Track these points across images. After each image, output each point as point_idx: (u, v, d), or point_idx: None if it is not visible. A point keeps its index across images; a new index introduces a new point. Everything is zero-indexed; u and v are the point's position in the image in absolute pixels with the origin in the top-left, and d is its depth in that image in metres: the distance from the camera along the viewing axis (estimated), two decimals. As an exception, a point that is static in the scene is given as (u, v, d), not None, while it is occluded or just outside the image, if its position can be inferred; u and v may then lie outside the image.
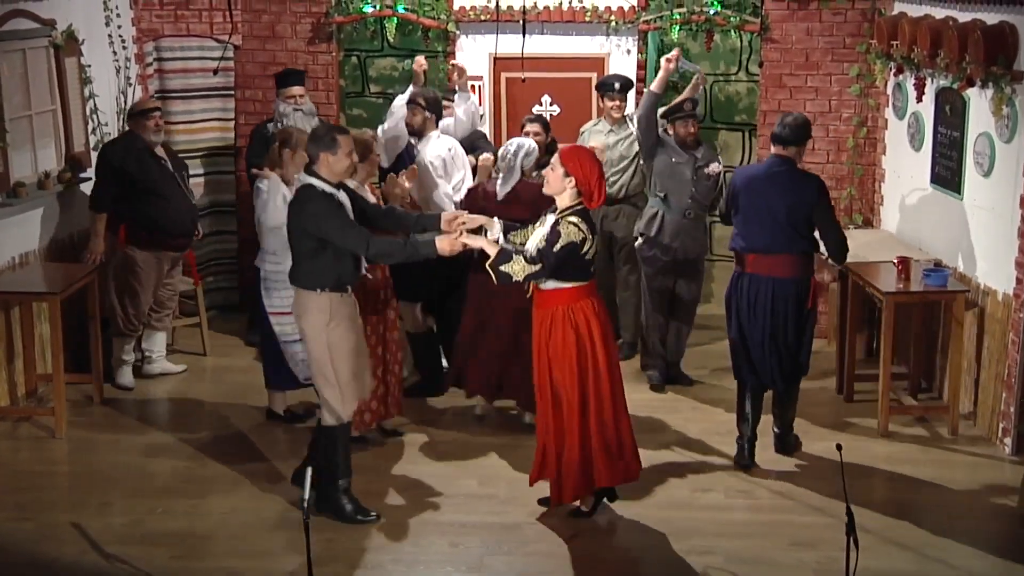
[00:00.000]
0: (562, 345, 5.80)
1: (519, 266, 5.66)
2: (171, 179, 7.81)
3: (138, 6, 9.05)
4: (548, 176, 5.84)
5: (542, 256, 5.67)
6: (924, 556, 5.74)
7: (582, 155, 5.86)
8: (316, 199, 5.76)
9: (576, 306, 5.80)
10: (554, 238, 5.67)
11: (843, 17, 8.74)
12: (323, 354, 5.85)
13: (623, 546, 5.86)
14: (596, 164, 5.83)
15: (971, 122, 7.28)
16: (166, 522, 6.08)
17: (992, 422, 7.03)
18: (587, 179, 5.77)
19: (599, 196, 5.81)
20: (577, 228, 5.68)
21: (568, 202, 5.79)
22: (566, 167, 5.76)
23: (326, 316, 5.82)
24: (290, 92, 8.40)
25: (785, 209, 6.53)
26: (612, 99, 8.26)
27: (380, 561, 5.71)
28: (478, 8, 8.97)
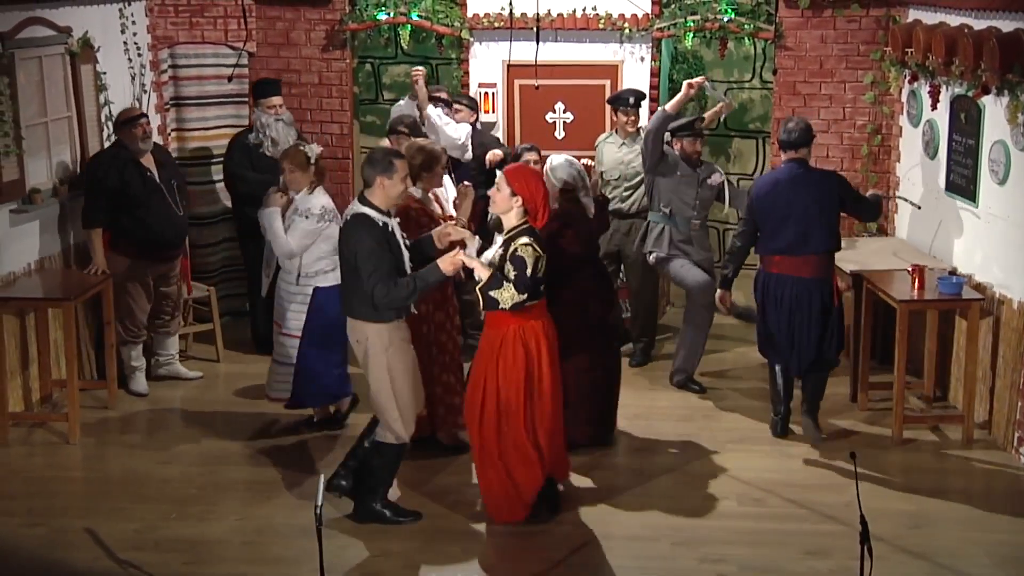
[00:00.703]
0: (512, 364, 5.86)
1: (508, 293, 5.73)
2: (156, 190, 7.75)
3: (153, 14, 9.10)
4: (494, 196, 5.89)
5: (520, 286, 5.73)
6: (939, 566, 5.71)
7: (527, 175, 5.93)
8: (365, 231, 5.82)
9: (527, 326, 5.87)
10: (521, 265, 5.72)
11: (857, 24, 8.72)
12: (384, 379, 5.96)
13: (634, 554, 5.84)
14: (541, 183, 5.92)
15: (986, 130, 7.25)
16: (179, 528, 6.09)
17: (1007, 431, 7.00)
18: (533, 198, 5.83)
19: (544, 215, 5.88)
20: (533, 248, 5.75)
21: (515, 221, 5.85)
22: (512, 187, 5.82)
23: (386, 342, 5.93)
24: (270, 102, 8.37)
25: (817, 207, 6.95)
26: (626, 114, 8.30)
27: (392, 568, 5.71)
28: (492, 15, 8.98)
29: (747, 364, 8.55)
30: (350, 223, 5.90)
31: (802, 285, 7.00)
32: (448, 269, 5.77)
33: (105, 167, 7.66)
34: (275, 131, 8.28)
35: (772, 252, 7.07)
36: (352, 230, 5.86)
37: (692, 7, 8.84)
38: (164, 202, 7.80)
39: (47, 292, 7.34)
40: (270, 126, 8.27)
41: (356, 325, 5.97)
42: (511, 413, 5.93)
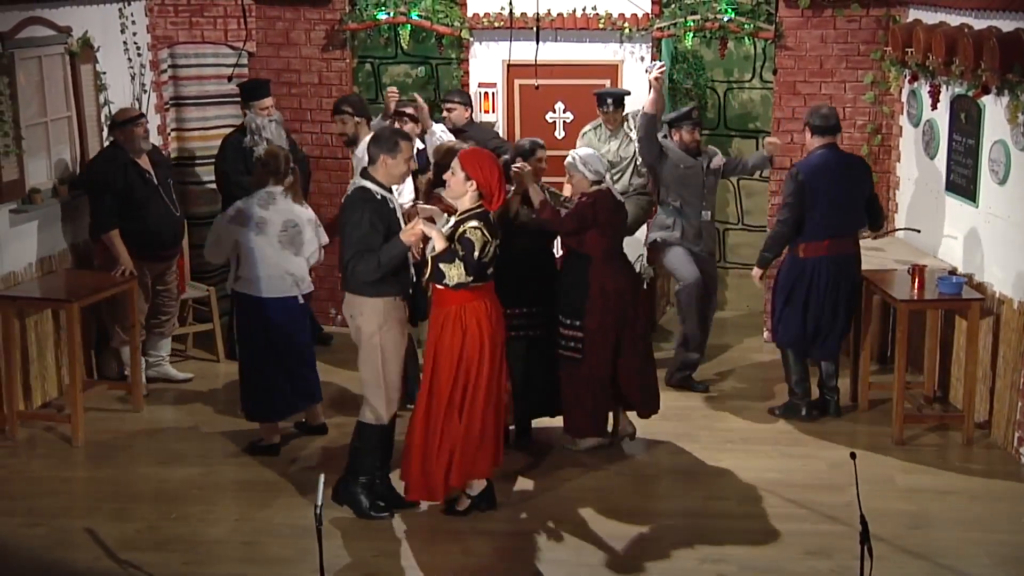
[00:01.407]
0: (448, 345, 5.89)
1: (456, 271, 5.76)
2: (154, 191, 7.76)
3: (153, 13, 9.10)
4: (449, 180, 5.94)
5: (469, 268, 5.76)
6: (938, 566, 5.71)
7: (482, 158, 5.96)
8: (365, 203, 5.89)
9: (469, 307, 5.89)
10: (469, 247, 5.76)
11: (857, 24, 8.72)
12: (375, 357, 5.99)
13: (635, 555, 5.84)
14: (496, 167, 5.93)
15: (986, 130, 7.25)
16: (179, 528, 6.09)
17: (1007, 431, 6.99)
18: (487, 182, 5.87)
19: (499, 198, 5.92)
20: (482, 232, 5.79)
21: (468, 205, 5.90)
22: (467, 171, 5.86)
23: (380, 319, 5.97)
24: (263, 104, 8.33)
25: (861, 190, 7.38)
26: (606, 113, 8.35)
27: (393, 568, 5.71)
28: (492, 15, 8.97)
29: (747, 364, 8.55)
30: (349, 197, 5.99)
31: (844, 263, 7.34)
32: (408, 239, 5.83)
33: (107, 169, 7.64)
34: (269, 132, 8.27)
35: (825, 236, 7.27)
36: (347, 204, 5.95)
37: (692, 7, 8.83)
38: (162, 202, 7.80)
39: (51, 293, 7.35)
40: (264, 128, 8.24)
41: (352, 300, 6.02)
42: (439, 394, 5.93)
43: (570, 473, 6.77)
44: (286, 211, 6.82)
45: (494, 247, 5.87)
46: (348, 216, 5.92)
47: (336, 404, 7.71)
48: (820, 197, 7.20)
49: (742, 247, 9.85)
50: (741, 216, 9.80)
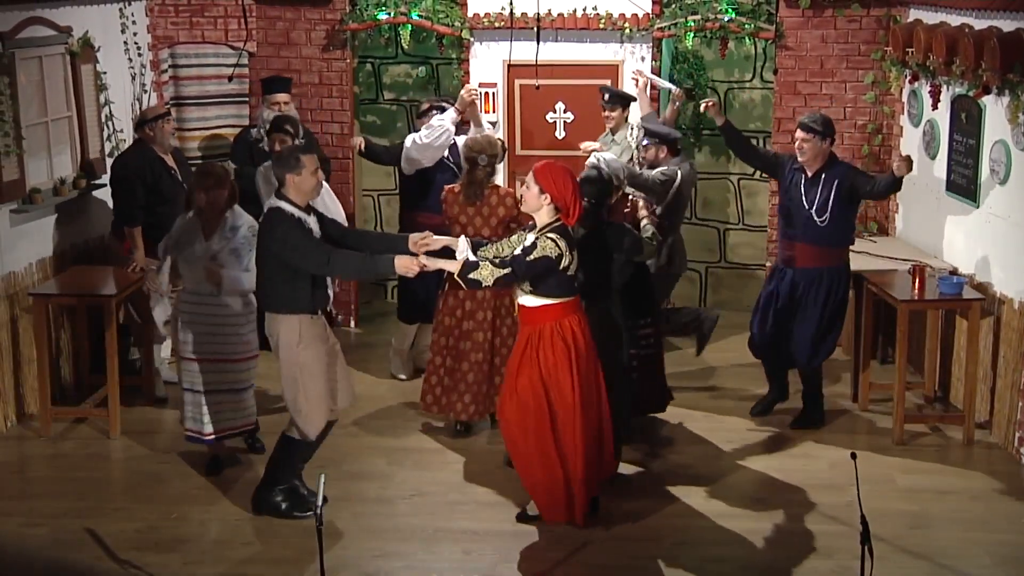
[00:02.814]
0: (554, 362, 5.82)
1: (487, 271, 5.72)
2: (180, 188, 7.79)
3: (153, 13, 9.11)
4: (524, 195, 5.89)
5: (513, 261, 5.73)
6: (939, 565, 5.71)
7: (556, 172, 5.85)
8: (283, 223, 5.83)
9: (564, 322, 5.84)
10: (530, 249, 5.74)
11: (858, 24, 8.72)
12: (294, 374, 5.96)
13: (635, 555, 5.84)
14: (570, 179, 5.85)
15: (987, 130, 7.25)
16: (179, 528, 6.09)
17: (1008, 431, 6.99)
18: (562, 195, 5.80)
19: (575, 211, 5.83)
20: (554, 244, 5.73)
21: (547, 219, 5.84)
22: (540, 184, 5.80)
23: (296, 337, 5.92)
24: (275, 99, 8.39)
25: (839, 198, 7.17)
26: (603, 109, 8.26)
27: (393, 568, 5.71)
28: (492, 15, 8.97)
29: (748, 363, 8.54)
30: (267, 216, 5.92)
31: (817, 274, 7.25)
32: (401, 268, 5.77)
33: (135, 166, 7.68)
34: None
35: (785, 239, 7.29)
36: (269, 224, 5.87)
37: (693, 7, 8.83)
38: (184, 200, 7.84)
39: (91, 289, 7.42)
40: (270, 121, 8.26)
41: (269, 318, 6.00)
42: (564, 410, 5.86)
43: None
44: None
45: (572, 261, 5.81)
46: (269, 237, 5.83)
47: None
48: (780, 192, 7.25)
49: (742, 247, 9.86)
50: (741, 216, 9.80)
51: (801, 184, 7.13)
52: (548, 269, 5.75)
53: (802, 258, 7.14)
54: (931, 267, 7.47)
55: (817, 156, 7.07)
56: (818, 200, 7.06)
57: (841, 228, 7.15)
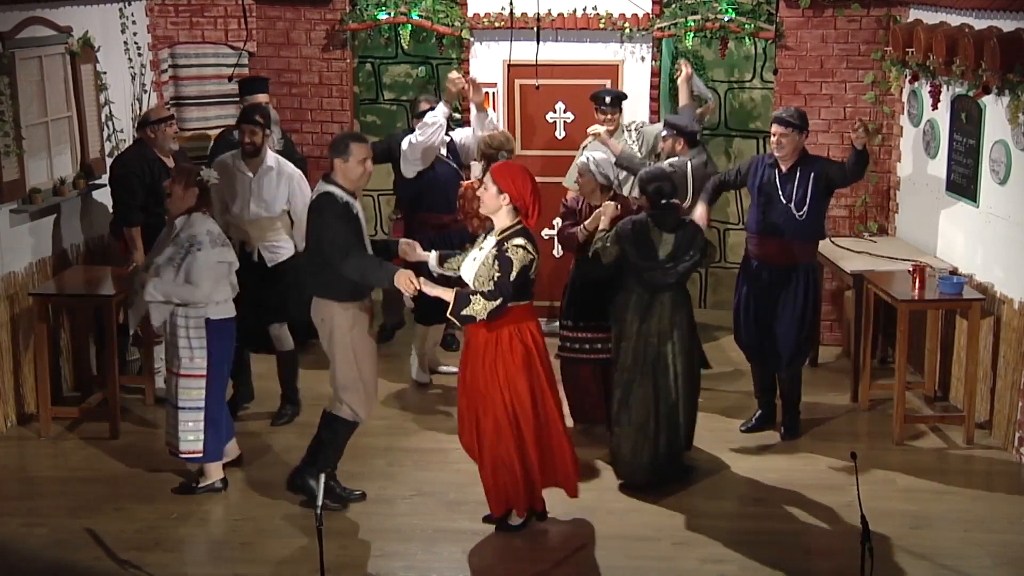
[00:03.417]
0: (512, 363, 5.72)
1: (479, 306, 5.60)
2: None
3: (153, 13, 9.10)
4: (482, 195, 5.77)
5: (501, 289, 5.59)
6: (939, 566, 5.71)
7: (514, 171, 5.76)
8: (332, 208, 5.89)
9: (523, 325, 5.75)
10: (507, 267, 5.59)
11: (858, 24, 8.71)
12: (350, 359, 6.04)
13: (636, 555, 5.84)
14: (529, 179, 5.73)
15: (987, 130, 7.25)
16: (179, 528, 6.09)
17: (1008, 431, 6.99)
18: (521, 195, 5.67)
19: (535, 211, 5.72)
20: (526, 251, 5.63)
21: (508, 222, 5.71)
22: (499, 184, 5.68)
23: (350, 323, 6.01)
24: (255, 100, 8.35)
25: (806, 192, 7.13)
26: (603, 113, 8.19)
27: (392, 568, 5.71)
28: (492, 15, 8.97)
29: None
30: (315, 201, 5.97)
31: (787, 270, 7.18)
32: (400, 284, 5.78)
33: (135, 166, 7.66)
34: None
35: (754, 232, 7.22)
36: (316, 209, 5.93)
37: (693, 7, 8.83)
38: None
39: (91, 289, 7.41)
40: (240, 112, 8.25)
41: (322, 304, 6.02)
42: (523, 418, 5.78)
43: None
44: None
45: (537, 264, 5.74)
46: (317, 219, 5.92)
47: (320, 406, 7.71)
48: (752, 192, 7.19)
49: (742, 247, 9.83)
50: (741, 216, 9.80)
51: (776, 180, 7.06)
52: (529, 278, 5.70)
53: (779, 255, 7.05)
54: (931, 267, 7.47)
55: (795, 150, 7.04)
56: (796, 194, 7.00)
57: (816, 221, 7.10)
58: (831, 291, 8.85)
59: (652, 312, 6.45)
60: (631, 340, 6.49)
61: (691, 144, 7.73)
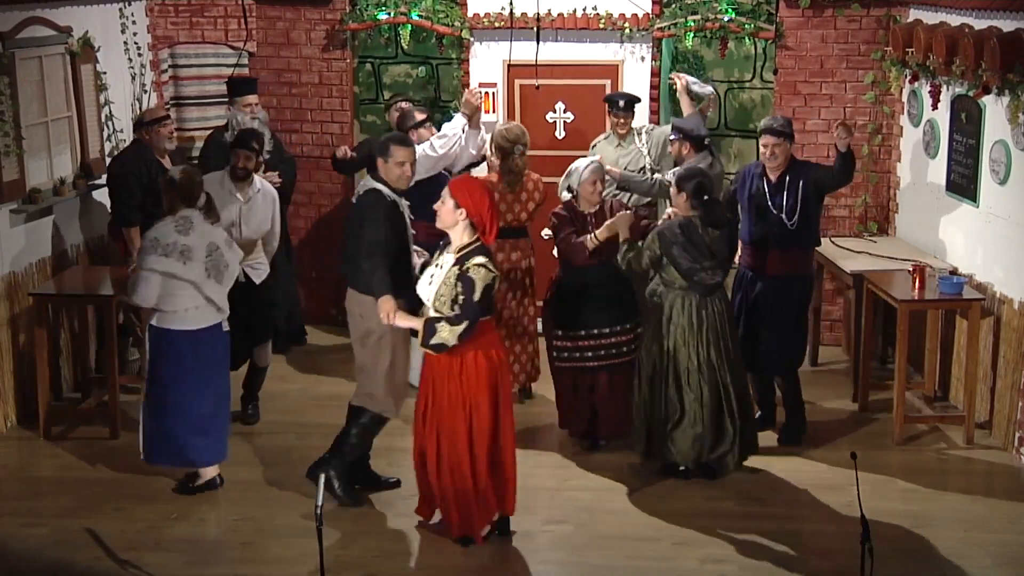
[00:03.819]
0: (477, 382, 5.63)
1: (447, 332, 5.52)
2: None
3: (153, 13, 9.10)
4: (439, 210, 5.65)
5: (466, 312, 5.49)
6: (939, 566, 5.71)
7: (471, 186, 5.68)
8: (379, 207, 5.97)
9: (486, 341, 5.67)
10: (470, 288, 5.48)
11: (858, 24, 8.71)
12: (385, 356, 6.09)
13: (636, 555, 5.84)
14: (487, 195, 5.61)
15: (987, 130, 7.25)
16: (179, 528, 6.09)
17: (1008, 431, 6.99)
18: (478, 211, 5.56)
19: (492, 229, 5.61)
20: (487, 270, 5.53)
21: (466, 239, 5.60)
22: (456, 199, 5.58)
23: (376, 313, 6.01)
24: (246, 101, 8.34)
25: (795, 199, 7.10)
26: (616, 116, 8.15)
27: (393, 568, 5.71)
28: (492, 15, 8.97)
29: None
30: (362, 198, 6.03)
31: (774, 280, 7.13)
32: (379, 311, 5.79)
33: (133, 166, 7.67)
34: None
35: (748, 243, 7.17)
36: (364, 205, 5.99)
37: (693, 7, 8.83)
38: None
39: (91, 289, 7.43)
40: (245, 125, 8.25)
41: (361, 299, 6.04)
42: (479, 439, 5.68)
43: (570, 473, 6.77)
44: (206, 235, 6.28)
45: (498, 281, 5.70)
46: (366, 215, 5.95)
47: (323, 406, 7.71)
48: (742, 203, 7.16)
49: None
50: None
51: (765, 189, 7.00)
52: (492, 296, 5.63)
53: (773, 265, 6.97)
54: (931, 267, 7.47)
55: (786, 160, 7.00)
56: (787, 203, 6.93)
57: (810, 228, 7.02)
58: (831, 291, 8.85)
59: (705, 315, 6.46)
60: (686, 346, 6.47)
61: (698, 148, 7.72)
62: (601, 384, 6.96)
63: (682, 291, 6.51)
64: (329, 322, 9.35)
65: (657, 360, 6.56)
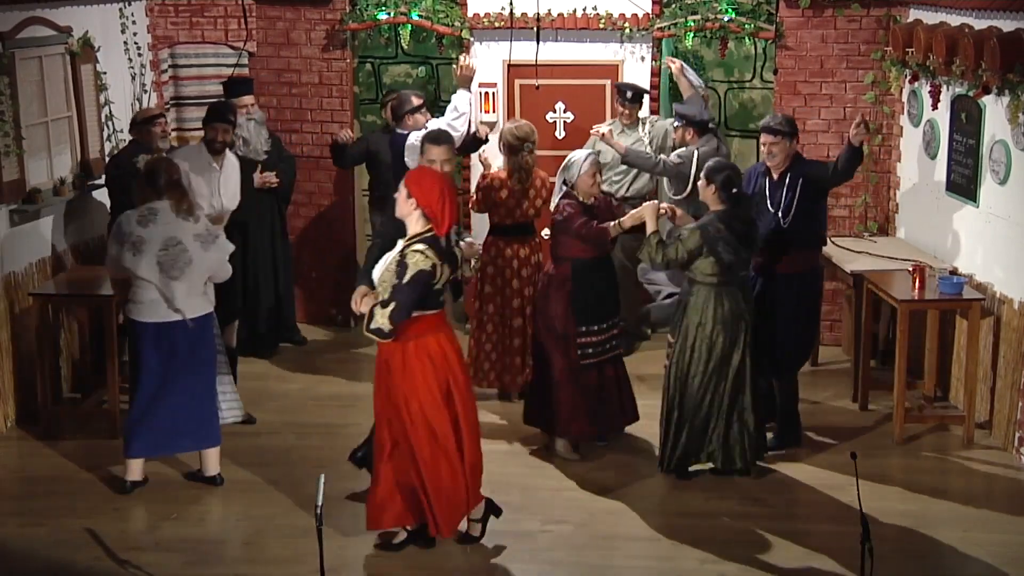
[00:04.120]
0: (421, 378, 5.56)
1: (380, 316, 5.45)
2: None
3: (153, 13, 9.10)
4: (398, 199, 5.66)
5: (394, 294, 5.46)
6: (939, 566, 5.71)
7: (424, 177, 5.66)
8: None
9: (428, 338, 5.58)
10: (402, 271, 5.46)
11: (858, 24, 8.72)
12: None
13: (637, 555, 5.84)
14: (437, 188, 5.58)
15: (987, 129, 7.25)
16: (179, 528, 6.09)
17: (1008, 431, 6.99)
18: (428, 201, 5.54)
19: (445, 220, 5.56)
20: (424, 256, 5.48)
21: (418, 228, 5.58)
22: (409, 189, 5.58)
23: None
24: (241, 102, 8.36)
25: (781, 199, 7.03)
26: (623, 106, 8.44)
27: (392, 568, 5.71)
28: (492, 15, 8.97)
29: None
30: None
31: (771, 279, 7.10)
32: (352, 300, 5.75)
33: (130, 166, 7.64)
34: (246, 131, 8.30)
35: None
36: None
37: (693, 7, 8.83)
38: None
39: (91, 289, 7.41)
40: (241, 126, 8.25)
41: None
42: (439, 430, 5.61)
43: (570, 474, 6.77)
44: (170, 228, 6.18)
45: (443, 275, 5.56)
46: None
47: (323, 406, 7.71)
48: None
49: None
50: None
51: (766, 188, 6.95)
52: (426, 285, 5.52)
53: (771, 264, 6.90)
54: (931, 267, 7.47)
55: (787, 158, 6.92)
56: (783, 201, 6.85)
57: (808, 228, 6.90)
58: (831, 291, 8.85)
59: (737, 309, 6.46)
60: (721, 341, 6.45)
61: (701, 132, 7.75)
62: (608, 377, 6.94)
63: (713, 287, 6.45)
64: (329, 322, 9.35)
65: (694, 362, 6.49)
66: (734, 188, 6.44)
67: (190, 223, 6.26)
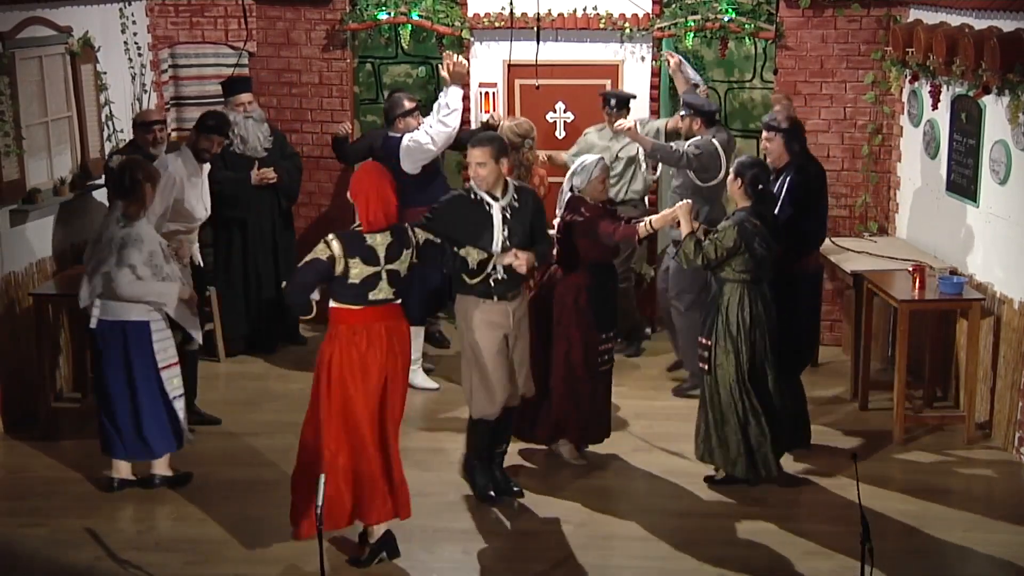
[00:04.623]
0: (359, 365, 5.51)
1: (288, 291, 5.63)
2: None
3: (153, 13, 9.11)
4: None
5: (296, 273, 5.59)
6: (939, 566, 5.72)
7: (363, 176, 5.61)
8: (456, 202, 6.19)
9: (358, 334, 5.52)
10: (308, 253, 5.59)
11: (858, 24, 8.72)
12: (467, 354, 6.22)
13: (636, 555, 5.84)
14: (365, 181, 5.54)
15: (987, 130, 7.25)
16: (179, 528, 6.10)
17: (1008, 431, 6.99)
18: (357, 200, 5.56)
19: (368, 220, 5.52)
20: (326, 246, 5.49)
21: (357, 222, 5.63)
22: (351, 185, 5.66)
23: (468, 317, 6.15)
24: (239, 100, 8.38)
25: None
26: (608, 114, 8.31)
27: (393, 568, 5.70)
28: (492, 15, 8.97)
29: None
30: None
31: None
32: None
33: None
34: (244, 129, 8.32)
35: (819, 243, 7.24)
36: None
37: (693, 7, 8.83)
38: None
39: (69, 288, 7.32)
40: (239, 124, 8.26)
41: (459, 299, 6.27)
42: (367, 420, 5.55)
43: (570, 474, 6.77)
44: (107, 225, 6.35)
45: (352, 269, 5.47)
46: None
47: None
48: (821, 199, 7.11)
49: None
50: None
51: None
52: (317, 272, 5.49)
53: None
54: (931, 267, 7.47)
55: (781, 155, 6.92)
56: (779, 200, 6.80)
57: (799, 228, 6.80)
58: (831, 291, 8.85)
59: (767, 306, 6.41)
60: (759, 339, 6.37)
61: (709, 123, 7.72)
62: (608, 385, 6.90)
63: (744, 283, 6.34)
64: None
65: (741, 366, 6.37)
66: (760, 186, 6.40)
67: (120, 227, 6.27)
